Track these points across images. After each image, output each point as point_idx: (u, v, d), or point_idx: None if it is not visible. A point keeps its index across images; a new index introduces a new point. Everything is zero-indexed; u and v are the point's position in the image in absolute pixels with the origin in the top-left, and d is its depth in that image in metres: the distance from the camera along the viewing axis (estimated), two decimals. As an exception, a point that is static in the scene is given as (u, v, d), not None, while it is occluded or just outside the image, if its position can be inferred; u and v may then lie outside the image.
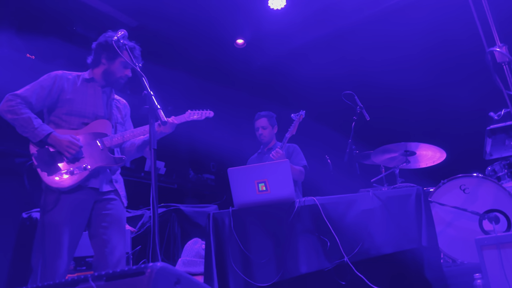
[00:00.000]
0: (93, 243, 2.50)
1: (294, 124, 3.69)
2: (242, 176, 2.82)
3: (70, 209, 2.39)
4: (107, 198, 2.54)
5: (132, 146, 2.75)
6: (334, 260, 2.60)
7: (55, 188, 2.35)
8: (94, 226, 2.49)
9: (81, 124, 2.54)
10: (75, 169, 2.41)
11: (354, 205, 2.72)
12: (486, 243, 2.33)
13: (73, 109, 2.53)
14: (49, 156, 2.39)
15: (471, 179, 3.37)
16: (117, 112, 2.75)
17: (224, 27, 5.84)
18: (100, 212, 2.50)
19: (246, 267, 2.67)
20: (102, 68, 2.65)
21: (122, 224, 2.59)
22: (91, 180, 2.48)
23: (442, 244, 3.13)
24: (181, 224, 4.23)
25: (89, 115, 2.56)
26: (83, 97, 2.58)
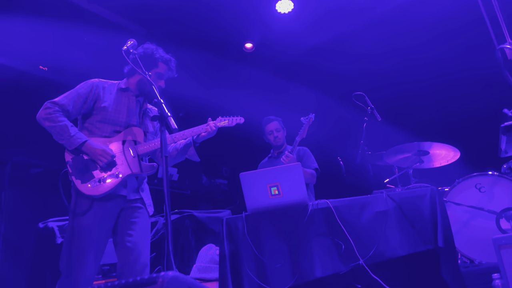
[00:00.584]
0: (118, 250, 2.53)
1: (304, 127, 3.68)
2: (254, 180, 2.83)
3: (100, 215, 2.44)
4: (133, 206, 2.58)
5: (173, 151, 2.81)
6: (349, 263, 2.58)
7: (88, 195, 2.41)
8: (120, 233, 2.53)
9: (113, 132, 2.59)
10: (107, 176, 2.46)
11: (368, 207, 2.70)
12: (504, 242, 2.29)
13: (107, 117, 2.59)
14: (83, 164, 2.45)
15: (487, 177, 3.32)
16: (149, 122, 2.80)
17: (232, 32, 5.87)
18: (126, 220, 2.54)
19: (261, 272, 2.67)
20: (137, 78, 2.71)
21: (147, 233, 2.63)
22: (120, 188, 2.52)
23: (459, 244, 3.09)
24: (195, 230, 4.24)
25: (121, 123, 2.62)
26: (117, 106, 2.64)
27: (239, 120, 2.96)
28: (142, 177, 2.67)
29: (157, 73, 2.68)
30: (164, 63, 2.70)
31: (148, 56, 2.65)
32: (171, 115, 2.17)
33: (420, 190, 2.75)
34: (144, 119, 2.76)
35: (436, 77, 5.49)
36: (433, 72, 5.48)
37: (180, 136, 2.68)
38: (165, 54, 2.72)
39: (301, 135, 3.68)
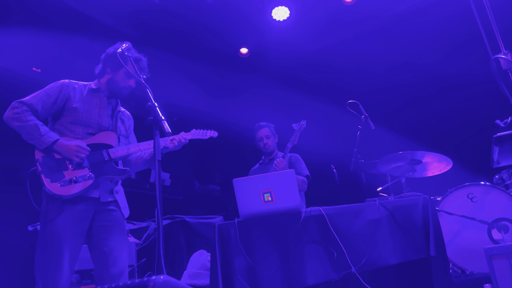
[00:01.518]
0: (94, 255, 2.48)
1: (296, 134, 3.69)
2: (247, 186, 2.82)
3: (72, 218, 2.38)
4: (107, 209, 2.53)
5: (138, 159, 2.76)
6: (341, 271, 2.58)
7: (57, 196, 2.35)
8: (94, 238, 2.47)
9: (86, 134, 2.55)
10: (78, 177, 2.41)
11: (361, 215, 2.70)
12: (496, 253, 2.29)
13: (78, 118, 2.54)
14: (54, 163, 2.40)
15: (479, 187, 3.33)
16: (121, 124, 2.76)
17: (228, 38, 5.88)
18: (99, 224, 2.49)
19: (252, 278, 2.65)
20: (107, 78, 2.67)
21: (123, 236, 2.57)
22: (92, 190, 2.47)
23: (450, 254, 3.08)
24: (186, 236, 4.21)
25: (94, 125, 2.58)
26: (88, 107, 2.59)
27: (213, 134, 2.96)
28: (117, 180, 2.63)
29: (127, 72, 2.61)
30: (133, 62, 2.60)
31: (117, 55, 2.56)
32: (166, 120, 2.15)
33: (412, 199, 2.76)
34: (117, 121, 2.71)
35: (430, 87, 5.53)
36: (427, 82, 5.52)
37: (145, 146, 2.64)
38: (136, 53, 2.65)
39: (292, 142, 3.68)
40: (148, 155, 2.75)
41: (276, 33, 5.79)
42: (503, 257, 2.28)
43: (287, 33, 5.76)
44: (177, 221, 4.24)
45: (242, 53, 6.24)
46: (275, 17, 5.56)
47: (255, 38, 6.03)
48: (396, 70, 5.66)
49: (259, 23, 5.70)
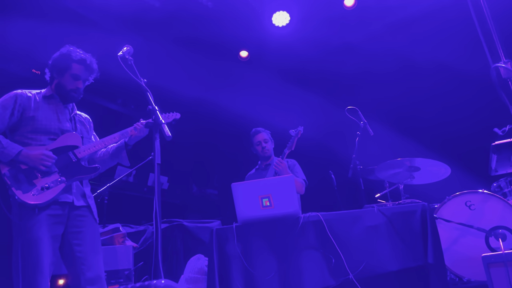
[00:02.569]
0: (67, 262, 2.46)
1: (293, 139, 3.69)
2: (246, 191, 2.81)
3: (47, 224, 2.36)
4: (79, 214, 2.52)
5: (105, 155, 2.76)
6: (339, 277, 2.57)
7: (31, 205, 2.33)
8: (67, 244, 2.45)
9: (49, 140, 2.52)
10: (50, 183, 2.40)
11: (359, 221, 2.70)
12: (493, 261, 2.29)
13: (38, 126, 2.51)
14: (22, 174, 2.37)
15: (477, 195, 3.33)
16: (82, 126, 2.75)
17: (228, 41, 5.89)
18: (71, 230, 2.47)
19: (250, 284, 2.64)
20: (55, 82, 2.65)
21: (96, 241, 2.55)
22: (65, 194, 2.46)
23: (448, 262, 3.08)
24: (184, 240, 4.19)
25: (55, 130, 2.55)
26: (46, 114, 2.56)
27: (175, 116, 2.93)
28: (86, 182, 2.62)
29: (72, 74, 2.59)
30: (78, 64, 2.59)
31: (61, 59, 2.57)
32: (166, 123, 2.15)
33: (411, 205, 2.76)
34: (77, 124, 2.70)
35: (429, 95, 5.55)
36: (426, 89, 5.54)
37: (109, 140, 2.64)
38: (80, 54, 2.62)
39: (289, 147, 3.69)
40: (112, 149, 2.75)
41: (276, 38, 5.80)
42: (500, 265, 2.28)
43: (287, 38, 5.77)
44: (175, 225, 4.23)
45: (242, 56, 6.23)
46: (275, 22, 5.57)
47: (255, 44, 6.05)
48: (395, 76, 5.69)
49: (259, 29, 5.72)
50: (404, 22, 5.42)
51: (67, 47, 2.61)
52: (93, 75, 2.68)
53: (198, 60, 5.87)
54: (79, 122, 2.74)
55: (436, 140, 5.37)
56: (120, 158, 2.76)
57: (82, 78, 2.63)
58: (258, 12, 5.52)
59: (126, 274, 3.33)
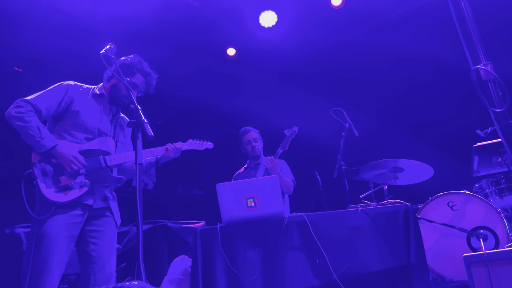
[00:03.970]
0: (81, 259, 2.45)
1: (287, 139, 3.69)
2: (230, 191, 2.80)
3: (63, 223, 2.34)
4: (99, 215, 2.51)
5: (134, 168, 2.72)
6: (323, 277, 2.58)
7: (51, 201, 2.31)
8: (84, 242, 2.45)
9: (85, 139, 2.51)
10: (74, 184, 2.38)
11: (343, 222, 2.71)
12: (474, 261, 2.32)
13: (79, 122, 2.51)
14: (50, 168, 2.37)
15: (459, 196, 3.38)
16: (120, 131, 2.75)
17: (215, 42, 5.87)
18: (90, 228, 2.47)
19: (233, 285, 2.63)
20: (112, 83, 2.66)
21: (113, 242, 2.55)
22: (86, 197, 2.44)
23: (430, 262, 3.12)
24: (168, 241, 4.16)
25: (93, 130, 2.55)
26: (90, 111, 2.56)
27: (208, 145, 3.01)
28: (111, 187, 2.61)
29: (132, 82, 2.62)
30: (141, 75, 2.65)
31: (127, 65, 2.61)
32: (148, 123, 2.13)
33: (394, 206, 2.78)
34: (116, 128, 2.70)
35: (413, 97, 5.61)
36: (411, 90, 5.60)
37: (144, 153, 2.63)
38: (147, 68, 2.68)
39: (283, 147, 3.69)
40: (145, 163, 2.74)
41: (263, 37, 5.80)
42: (481, 265, 2.30)
43: (274, 38, 5.78)
44: (159, 225, 4.19)
45: (230, 54, 6.20)
46: (262, 22, 5.57)
47: (243, 42, 6.03)
48: (382, 76, 5.73)
49: (246, 28, 5.71)
50: (392, 21, 5.47)
51: (137, 57, 2.67)
52: (149, 90, 2.72)
53: (184, 58, 5.84)
54: (119, 126, 2.74)
55: (419, 142, 5.43)
56: (149, 174, 2.77)
57: (139, 89, 2.66)
58: (245, 11, 5.51)
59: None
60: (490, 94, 1.62)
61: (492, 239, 3.04)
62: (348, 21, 5.52)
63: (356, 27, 5.60)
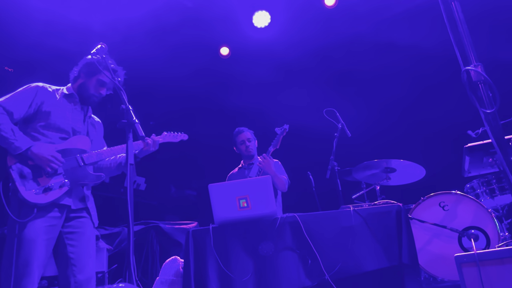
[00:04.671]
0: (59, 261, 2.42)
1: (278, 137, 3.69)
2: (223, 192, 2.80)
3: (44, 226, 2.32)
4: (76, 216, 2.48)
5: (112, 164, 2.72)
6: (315, 278, 2.58)
7: (32, 204, 2.28)
8: (61, 244, 2.42)
9: (59, 139, 2.48)
10: (54, 184, 2.35)
11: (335, 222, 2.72)
12: (466, 260, 2.33)
13: (51, 122, 2.48)
14: (28, 170, 2.33)
15: (450, 196, 3.40)
16: (93, 130, 2.72)
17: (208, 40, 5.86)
18: (68, 230, 2.43)
19: (226, 285, 2.62)
20: (79, 83, 2.63)
21: (90, 244, 2.52)
22: (64, 197, 2.41)
23: (422, 261, 3.13)
24: (160, 242, 4.14)
25: (67, 129, 2.52)
26: (61, 112, 2.53)
27: (183, 137, 2.97)
28: (88, 186, 2.58)
29: (99, 80, 2.59)
30: (108, 71, 2.56)
31: (93, 63, 2.54)
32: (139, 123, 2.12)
33: (386, 206, 2.79)
34: (89, 126, 2.68)
35: (405, 97, 5.64)
36: (402, 92, 5.63)
37: (118, 149, 2.61)
38: (113, 64, 2.62)
39: (274, 145, 3.69)
40: (122, 159, 2.71)
41: (257, 37, 5.80)
42: (472, 265, 2.32)
43: (268, 38, 5.78)
44: (151, 226, 4.17)
45: (223, 54, 6.18)
46: (256, 22, 5.57)
47: (236, 41, 6.02)
48: (373, 78, 5.75)
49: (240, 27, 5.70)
50: (385, 21, 5.48)
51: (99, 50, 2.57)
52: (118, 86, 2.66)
53: (177, 58, 5.82)
54: (91, 125, 2.71)
55: (412, 142, 5.46)
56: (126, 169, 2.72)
57: (107, 87, 2.63)
58: (238, 11, 5.50)
59: (99, 276, 3.26)
60: (480, 95, 1.63)
61: (483, 239, 3.06)
62: (342, 21, 5.53)
63: (349, 27, 5.62)
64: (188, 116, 6.64)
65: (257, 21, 5.58)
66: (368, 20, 5.52)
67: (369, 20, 5.53)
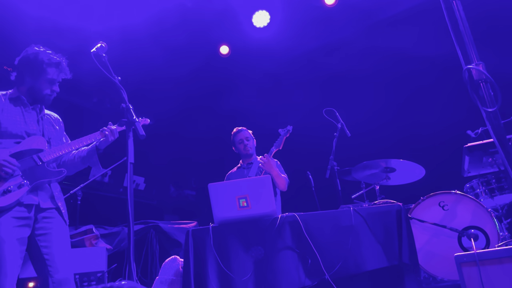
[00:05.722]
0: (35, 264, 2.42)
1: (281, 138, 3.68)
2: (222, 191, 2.79)
3: (13, 227, 2.30)
4: (46, 216, 2.47)
5: (76, 158, 2.69)
6: (315, 277, 2.57)
7: None
8: (34, 246, 2.41)
9: (13, 144, 2.44)
10: (13, 187, 2.33)
11: (335, 222, 2.71)
12: (466, 260, 2.33)
13: (2, 130, 2.43)
14: None
15: (450, 196, 3.40)
16: (51, 127, 2.67)
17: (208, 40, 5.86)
18: (40, 232, 2.42)
19: (226, 285, 2.62)
20: (27, 86, 2.56)
21: (65, 243, 2.50)
22: (30, 196, 2.40)
23: (422, 261, 3.13)
24: (160, 241, 4.14)
25: (20, 133, 2.48)
26: (10, 116, 2.48)
27: (145, 121, 2.89)
28: (55, 184, 2.57)
29: (48, 79, 2.54)
30: (54, 67, 2.54)
31: (34, 62, 2.48)
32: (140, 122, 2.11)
33: (386, 206, 2.79)
34: (45, 125, 2.63)
35: (405, 95, 5.64)
36: (404, 90, 5.63)
37: (78, 143, 2.58)
38: (53, 57, 2.56)
39: (277, 146, 3.67)
40: (85, 152, 2.68)
41: (257, 37, 5.80)
42: (472, 264, 2.32)
43: (268, 37, 5.77)
44: (150, 226, 4.17)
45: (223, 53, 6.17)
46: (255, 22, 5.57)
47: (236, 42, 6.02)
48: (374, 78, 5.74)
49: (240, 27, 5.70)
50: (386, 21, 5.49)
51: (34, 47, 2.52)
52: (66, 75, 2.62)
53: (177, 58, 5.81)
54: (47, 123, 2.66)
55: (411, 142, 5.46)
56: (92, 162, 2.69)
57: (57, 81, 2.58)
58: (238, 11, 5.50)
59: (98, 276, 3.25)
60: (482, 93, 1.63)
61: (483, 238, 3.06)
62: (342, 20, 5.53)
63: (350, 26, 5.62)
64: (187, 116, 6.64)
65: (257, 21, 5.58)
66: (369, 19, 5.52)
67: (370, 20, 5.53)
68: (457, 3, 1.68)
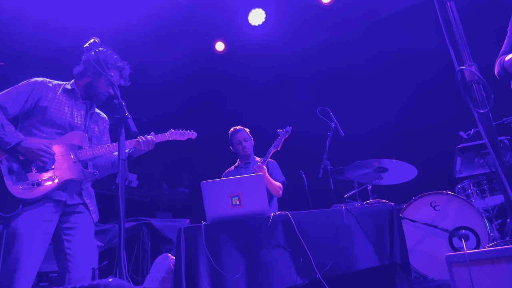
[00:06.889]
0: (57, 257, 2.42)
1: (280, 139, 3.67)
2: (215, 189, 2.78)
3: (32, 221, 2.30)
4: (73, 211, 2.47)
5: (107, 162, 2.70)
6: (307, 276, 2.57)
7: (18, 199, 2.26)
8: (59, 240, 2.41)
9: (55, 134, 2.47)
10: (43, 180, 2.33)
11: (327, 221, 2.71)
12: (456, 260, 2.35)
13: (48, 118, 2.47)
14: (17, 165, 2.32)
15: (441, 196, 3.42)
16: (95, 125, 2.70)
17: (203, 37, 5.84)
18: (65, 226, 2.43)
19: (217, 283, 2.61)
20: (86, 81, 2.62)
21: (88, 238, 2.50)
22: (58, 192, 2.40)
23: (413, 261, 3.15)
24: (151, 239, 4.12)
25: (64, 125, 2.51)
26: (59, 107, 2.52)
27: (191, 135, 2.93)
28: (86, 182, 2.56)
29: (108, 80, 2.55)
30: (118, 71, 2.62)
31: (101, 61, 2.51)
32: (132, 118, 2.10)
33: (378, 206, 2.80)
34: (90, 123, 2.66)
35: (398, 98, 5.66)
36: (397, 91, 5.65)
37: (115, 147, 2.58)
38: (119, 61, 2.64)
39: (275, 147, 3.66)
40: (116, 158, 2.68)
41: (253, 36, 5.79)
42: (462, 264, 2.33)
43: (264, 36, 5.77)
44: (142, 223, 4.15)
45: (218, 50, 6.14)
46: (251, 20, 5.56)
47: (231, 40, 6.00)
48: (368, 78, 5.76)
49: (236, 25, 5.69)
50: (383, 20, 5.50)
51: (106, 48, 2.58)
52: (125, 83, 2.69)
53: (175, 57, 5.79)
54: (94, 121, 2.69)
55: (404, 142, 5.48)
56: None
57: (115, 85, 2.59)
58: (234, 9, 5.49)
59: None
60: (474, 95, 1.63)
61: (474, 239, 3.09)
62: (337, 19, 5.54)
63: (345, 26, 5.63)
64: (181, 114, 6.62)
65: (253, 19, 5.57)
66: (366, 18, 5.54)
67: (367, 19, 5.54)
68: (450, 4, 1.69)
